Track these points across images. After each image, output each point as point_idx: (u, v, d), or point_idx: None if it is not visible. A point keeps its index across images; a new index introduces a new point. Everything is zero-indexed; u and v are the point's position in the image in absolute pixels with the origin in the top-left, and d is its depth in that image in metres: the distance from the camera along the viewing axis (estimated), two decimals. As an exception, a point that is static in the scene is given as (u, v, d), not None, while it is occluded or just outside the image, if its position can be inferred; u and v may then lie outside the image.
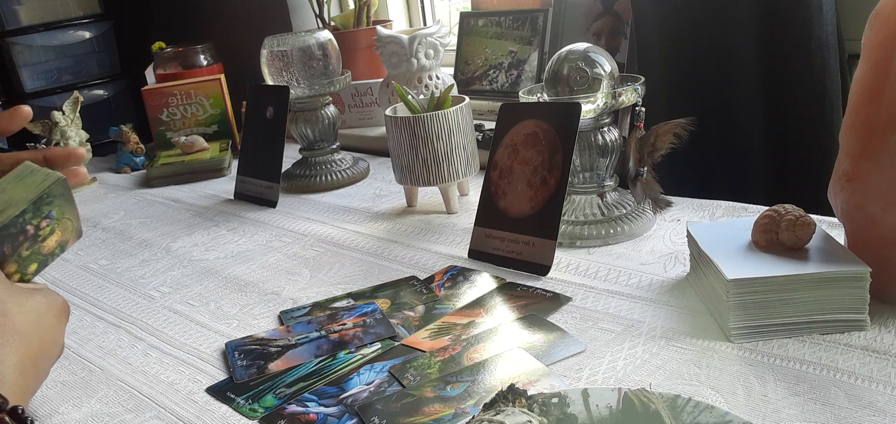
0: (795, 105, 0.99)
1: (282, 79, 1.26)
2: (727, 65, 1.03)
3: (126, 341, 0.82)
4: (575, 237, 0.90)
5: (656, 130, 0.88)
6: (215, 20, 1.91)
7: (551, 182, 0.85)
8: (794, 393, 0.57)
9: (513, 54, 1.40)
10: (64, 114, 1.49)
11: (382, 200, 1.18)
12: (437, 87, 1.24)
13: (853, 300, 0.63)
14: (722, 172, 1.07)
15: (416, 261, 0.93)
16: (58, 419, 0.68)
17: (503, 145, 0.91)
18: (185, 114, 1.60)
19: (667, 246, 0.86)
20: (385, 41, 1.25)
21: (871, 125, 0.64)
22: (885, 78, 0.63)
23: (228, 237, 1.11)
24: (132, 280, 0.99)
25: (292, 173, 1.31)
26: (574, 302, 0.76)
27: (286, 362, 0.72)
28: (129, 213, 1.30)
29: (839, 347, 0.62)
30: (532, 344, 0.69)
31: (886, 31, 0.64)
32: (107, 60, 2.01)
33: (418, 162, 1.04)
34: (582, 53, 0.89)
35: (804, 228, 0.66)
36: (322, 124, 1.28)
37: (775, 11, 0.98)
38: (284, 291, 0.89)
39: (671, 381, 0.61)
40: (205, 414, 0.66)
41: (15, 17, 1.87)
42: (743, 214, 0.92)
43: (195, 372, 0.73)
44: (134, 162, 1.60)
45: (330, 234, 1.06)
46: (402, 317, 0.78)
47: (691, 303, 0.73)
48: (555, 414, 0.55)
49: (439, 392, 0.63)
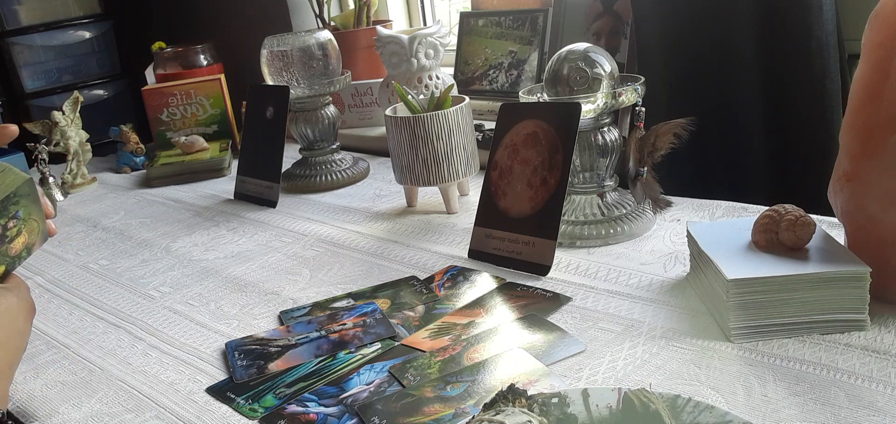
0: (795, 105, 0.99)
1: (282, 79, 1.26)
2: (727, 65, 1.03)
3: (126, 341, 0.82)
4: (575, 237, 0.90)
5: (656, 130, 0.88)
6: (215, 20, 1.91)
7: (551, 182, 0.85)
8: (794, 393, 0.57)
9: (513, 54, 1.40)
10: (64, 114, 1.49)
11: (382, 200, 1.18)
12: (437, 87, 1.24)
13: (853, 300, 0.63)
14: (722, 172, 1.07)
15: (416, 261, 0.93)
16: (58, 419, 0.68)
17: (503, 145, 0.91)
18: (185, 114, 1.60)
19: (667, 246, 0.86)
20: (385, 41, 1.25)
21: (871, 125, 0.64)
22: (885, 78, 0.63)
23: (228, 237, 1.11)
24: (132, 280, 0.99)
25: (292, 173, 1.31)
26: (574, 302, 0.76)
27: (286, 362, 0.72)
28: (129, 213, 1.30)
29: (839, 347, 0.62)
30: (532, 344, 0.69)
31: (886, 31, 0.64)
32: (107, 59, 2.01)
33: (418, 162, 1.04)
34: (582, 53, 0.89)
35: (804, 228, 0.66)
36: (322, 124, 1.28)
37: (775, 11, 0.98)
38: (284, 291, 0.89)
39: (671, 381, 0.61)
40: (205, 414, 0.66)
41: (15, 17, 1.87)
42: (743, 214, 0.92)
43: (195, 372, 0.73)
44: (134, 162, 1.60)
45: (330, 234, 1.06)
46: (402, 317, 0.78)
47: (691, 303, 0.73)
48: (555, 414, 0.55)
49: (439, 392, 0.63)
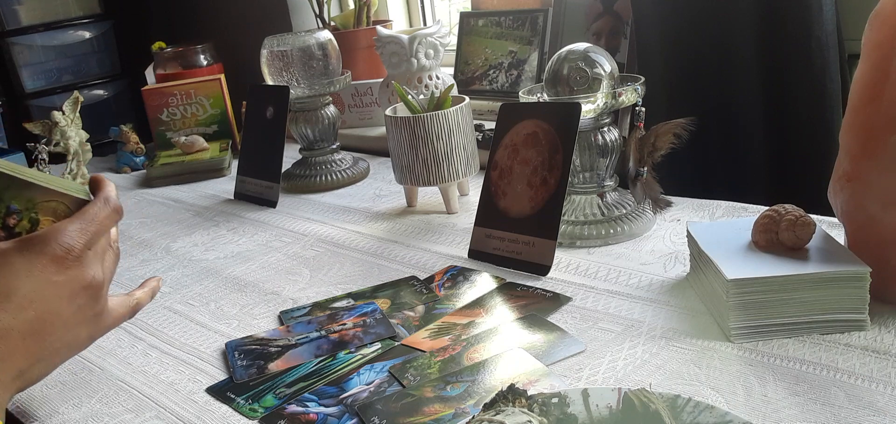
0: (795, 105, 0.99)
1: (282, 79, 1.26)
2: (727, 65, 1.03)
3: (126, 341, 0.82)
4: (575, 237, 0.90)
5: (656, 130, 0.88)
6: (215, 20, 1.91)
7: (551, 182, 0.85)
8: (794, 393, 0.57)
9: (513, 54, 1.40)
10: (64, 114, 1.48)
11: (382, 200, 1.18)
12: (437, 87, 1.24)
13: (853, 300, 0.63)
14: (722, 172, 1.07)
15: (416, 261, 0.93)
16: (58, 419, 0.68)
17: (503, 145, 0.91)
18: (185, 114, 1.60)
19: (667, 246, 0.86)
20: (385, 41, 1.25)
21: (871, 125, 0.64)
22: (885, 78, 0.63)
23: (228, 237, 1.11)
24: (132, 280, 0.99)
25: (292, 173, 1.31)
26: (574, 302, 0.76)
27: (286, 362, 0.72)
28: (129, 213, 1.30)
29: (839, 347, 0.62)
30: (532, 344, 0.69)
31: (886, 31, 0.64)
32: (107, 59, 2.01)
33: (418, 162, 1.04)
34: (582, 53, 0.89)
35: (804, 228, 0.66)
36: (322, 124, 1.28)
37: (775, 11, 0.98)
38: (284, 291, 0.89)
39: (671, 381, 0.61)
40: (205, 414, 0.66)
41: (15, 17, 1.87)
42: (743, 214, 0.92)
43: (195, 372, 0.73)
44: (134, 162, 1.60)
45: (330, 234, 1.06)
46: (402, 317, 0.78)
47: (691, 303, 0.73)
48: (555, 414, 0.56)
49: (439, 392, 0.63)
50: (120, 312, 0.67)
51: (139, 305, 0.70)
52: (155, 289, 0.73)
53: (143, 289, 0.71)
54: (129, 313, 0.69)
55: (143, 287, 0.72)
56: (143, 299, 0.71)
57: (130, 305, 0.69)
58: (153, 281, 0.73)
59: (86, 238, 0.61)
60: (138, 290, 0.71)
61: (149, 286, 0.72)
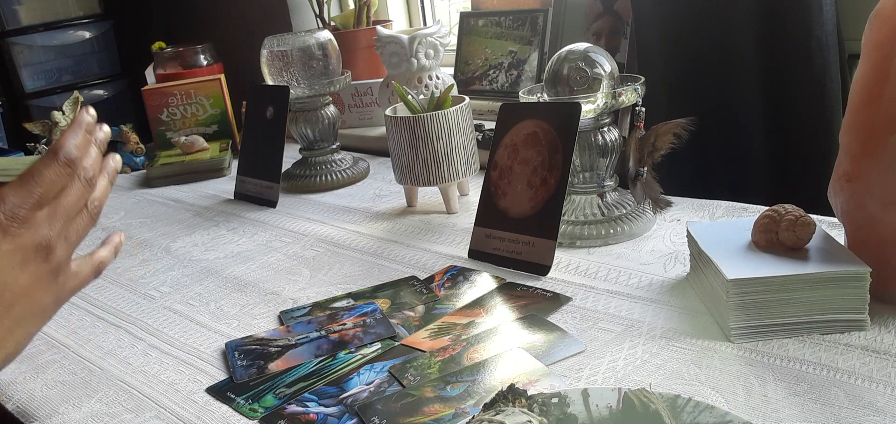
0: (795, 105, 0.99)
1: (282, 79, 1.26)
2: (727, 65, 1.03)
3: (126, 341, 0.82)
4: (575, 237, 0.90)
5: (656, 130, 0.88)
6: (215, 20, 1.91)
7: (551, 182, 0.85)
8: (794, 393, 0.57)
9: (513, 54, 1.40)
10: (64, 114, 1.49)
11: (382, 200, 1.18)
12: (437, 87, 1.24)
13: (853, 300, 0.63)
14: (722, 172, 1.07)
15: (416, 261, 0.93)
16: (58, 419, 0.68)
17: (503, 145, 0.91)
18: (185, 114, 1.60)
19: (667, 246, 0.86)
20: (385, 41, 1.25)
21: (871, 125, 0.64)
22: (885, 78, 0.63)
23: (228, 237, 1.11)
24: (132, 280, 0.99)
25: (292, 173, 1.31)
26: (574, 302, 0.76)
27: (286, 362, 0.72)
28: (129, 213, 1.30)
29: (839, 347, 0.62)
30: (532, 344, 0.69)
31: (886, 31, 0.64)
32: (107, 60, 2.01)
33: (418, 162, 1.04)
34: (582, 53, 0.89)
35: (804, 228, 0.66)
36: (322, 124, 1.28)
37: (775, 11, 0.98)
38: (284, 291, 0.89)
39: (671, 381, 0.61)
40: (205, 414, 0.66)
41: (15, 17, 1.87)
42: (743, 214, 0.92)
43: (195, 372, 0.73)
44: (134, 162, 1.60)
45: (330, 234, 1.06)
46: (402, 317, 0.78)
47: (691, 303, 0.73)
48: (555, 414, 0.56)
49: (439, 392, 0.63)
50: (84, 272, 0.64)
51: (103, 264, 0.66)
52: (118, 245, 0.69)
53: (105, 247, 0.67)
54: (93, 272, 0.65)
55: (106, 245, 0.67)
56: (106, 257, 0.67)
57: (94, 264, 0.65)
58: (116, 237, 0.69)
59: (32, 200, 0.57)
60: (101, 248, 0.67)
61: (112, 243, 0.68)
